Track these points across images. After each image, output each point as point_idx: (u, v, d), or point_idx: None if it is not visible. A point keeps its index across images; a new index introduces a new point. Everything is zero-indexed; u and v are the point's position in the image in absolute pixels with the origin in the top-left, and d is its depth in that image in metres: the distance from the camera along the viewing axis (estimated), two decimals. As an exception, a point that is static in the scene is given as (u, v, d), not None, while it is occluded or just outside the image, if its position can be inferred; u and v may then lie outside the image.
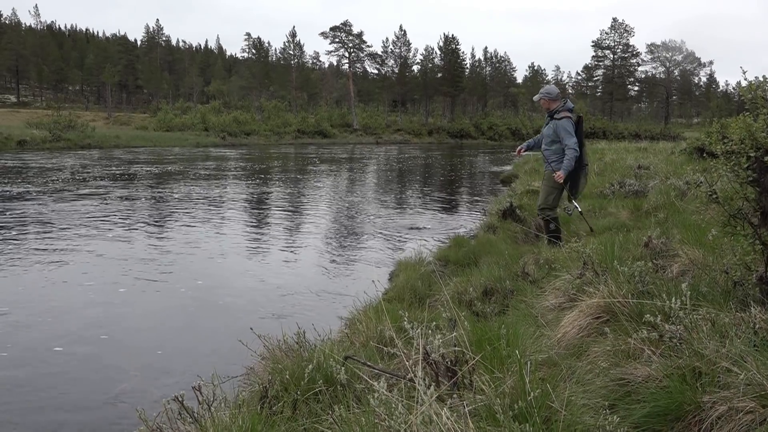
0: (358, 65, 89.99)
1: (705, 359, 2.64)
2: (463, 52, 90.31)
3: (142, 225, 11.79)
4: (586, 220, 7.38)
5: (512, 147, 61.86)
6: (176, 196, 16.52)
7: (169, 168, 26.47)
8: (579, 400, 2.59)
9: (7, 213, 12.64)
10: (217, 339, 5.80)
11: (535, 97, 7.48)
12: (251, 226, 12.22)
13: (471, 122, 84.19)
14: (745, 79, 3.49)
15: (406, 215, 14.03)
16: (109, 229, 11.10)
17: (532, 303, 4.63)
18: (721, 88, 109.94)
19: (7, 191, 16.49)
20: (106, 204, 14.40)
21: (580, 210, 7.36)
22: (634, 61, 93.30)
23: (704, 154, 13.19)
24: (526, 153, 7.76)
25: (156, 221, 12.33)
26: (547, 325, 3.92)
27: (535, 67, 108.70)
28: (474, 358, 2.76)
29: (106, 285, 7.57)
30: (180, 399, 2.86)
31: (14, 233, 10.53)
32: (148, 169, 25.79)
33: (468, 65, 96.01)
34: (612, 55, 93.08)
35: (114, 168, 25.57)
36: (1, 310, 6.46)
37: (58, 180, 19.79)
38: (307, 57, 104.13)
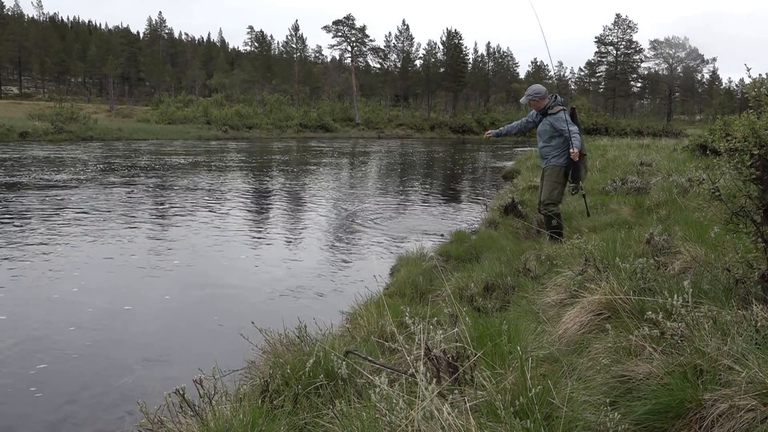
0: (361, 59, 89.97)
1: (706, 357, 2.64)
2: (465, 47, 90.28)
3: (148, 216, 11.80)
4: (585, 204, 7.45)
5: (515, 142, 61.91)
6: (184, 187, 16.52)
7: (177, 161, 26.45)
8: (580, 397, 2.60)
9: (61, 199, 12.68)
10: (218, 332, 5.81)
11: (522, 100, 7.40)
12: (254, 219, 12.22)
13: (473, 117, 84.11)
14: (749, 77, 3.48)
15: (407, 210, 14.03)
16: (121, 219, 11.12)
17: (533, 299, 4.63)
18: (724, 85, 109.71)
19: (48, 178, 16.59)
20: (121, 195, 14.42)
21: (584, 192, 7.43)
22: (637, 57, 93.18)
23: (707, 152, 13.16)
24: (495, 138, 8.00)
25: (161, 212, 12.33)
26: (548, 322, 3.92)
27: (538, 63, 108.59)
28: (475, 354, 2.76)
29: (108, 277, 7.58)
30: (181, 392, 2.87)
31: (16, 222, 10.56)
32: (157, 161, 25.77)
33: (471, 60, 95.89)
34: (615, 51, 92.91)
35: (126, 160, 25.58)
36: None
37: (85, 170, 19.97)
38: (310, 51, 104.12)
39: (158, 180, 18.66)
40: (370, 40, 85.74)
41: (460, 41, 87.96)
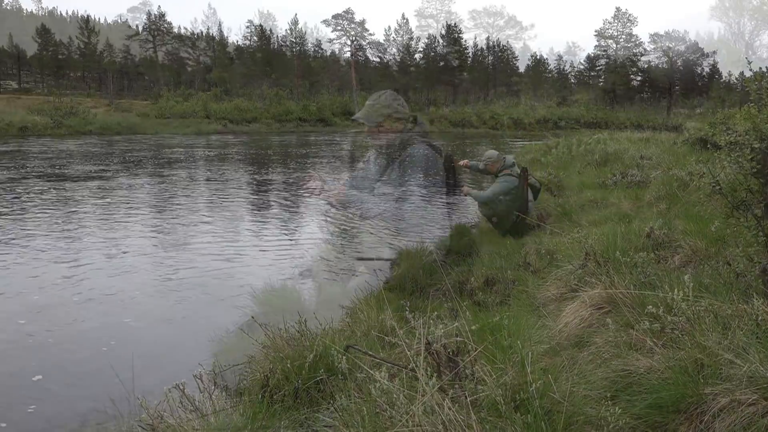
0: (360, 53, 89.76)
1: (707, 351, 2.64)
2: (465, 41, 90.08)
3: (151, 207, 11.80)
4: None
5: (514, 136, 61.91)
6: (186, 179, 16.50)
7: (178, 155, 26.42)
8: (580, 391, 2.60)
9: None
10: (218, 327, 5.80)
11: (480, 166, 8.70)
12: (254, 212, 12.21)
13: (473, 111, 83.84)
14: (750, 70, 3.47)
15: (407, 203, 14.00)
16: (122, 214, 11.11)
17: (533, 293, 4.63)
18: (724, 78, 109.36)
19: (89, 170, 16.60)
20: (124, 186, 14.41)
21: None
22: (637, 51, 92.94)
23: (707, 145, 13.12)
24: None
25: (161, 206, 12.32)
26: (548, 316, 3.92)
27: (538, 57, 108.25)
28: (476, 349, 2.76)
29: (106, 272, 7.58)
30: (181, 387, 2.87)
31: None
32: (159, 155, 25.74)
33: (470, 54, 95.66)
34: (615, 45, 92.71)
35: (130, 154, 25.55)
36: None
37: (93, 164, 19.91)
38: (309, 45, 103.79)
39: (161, 172, 18.63)
40: (370, 34, 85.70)
41: (460, 35, 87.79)
